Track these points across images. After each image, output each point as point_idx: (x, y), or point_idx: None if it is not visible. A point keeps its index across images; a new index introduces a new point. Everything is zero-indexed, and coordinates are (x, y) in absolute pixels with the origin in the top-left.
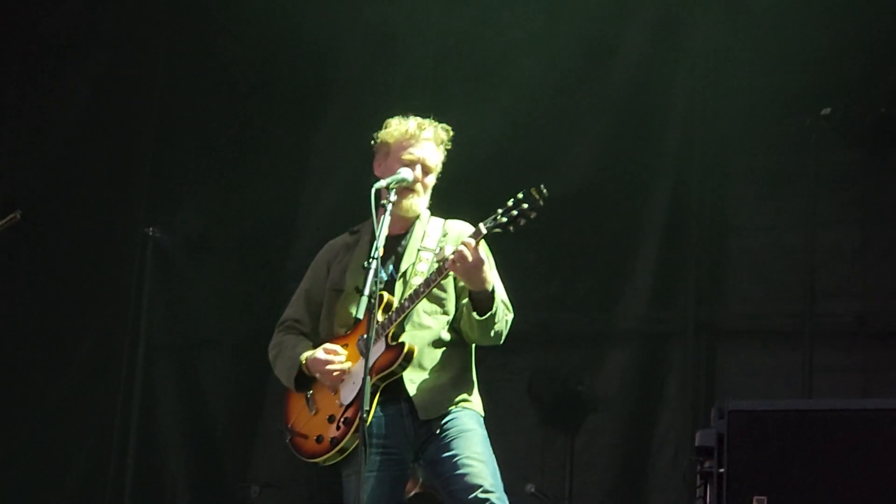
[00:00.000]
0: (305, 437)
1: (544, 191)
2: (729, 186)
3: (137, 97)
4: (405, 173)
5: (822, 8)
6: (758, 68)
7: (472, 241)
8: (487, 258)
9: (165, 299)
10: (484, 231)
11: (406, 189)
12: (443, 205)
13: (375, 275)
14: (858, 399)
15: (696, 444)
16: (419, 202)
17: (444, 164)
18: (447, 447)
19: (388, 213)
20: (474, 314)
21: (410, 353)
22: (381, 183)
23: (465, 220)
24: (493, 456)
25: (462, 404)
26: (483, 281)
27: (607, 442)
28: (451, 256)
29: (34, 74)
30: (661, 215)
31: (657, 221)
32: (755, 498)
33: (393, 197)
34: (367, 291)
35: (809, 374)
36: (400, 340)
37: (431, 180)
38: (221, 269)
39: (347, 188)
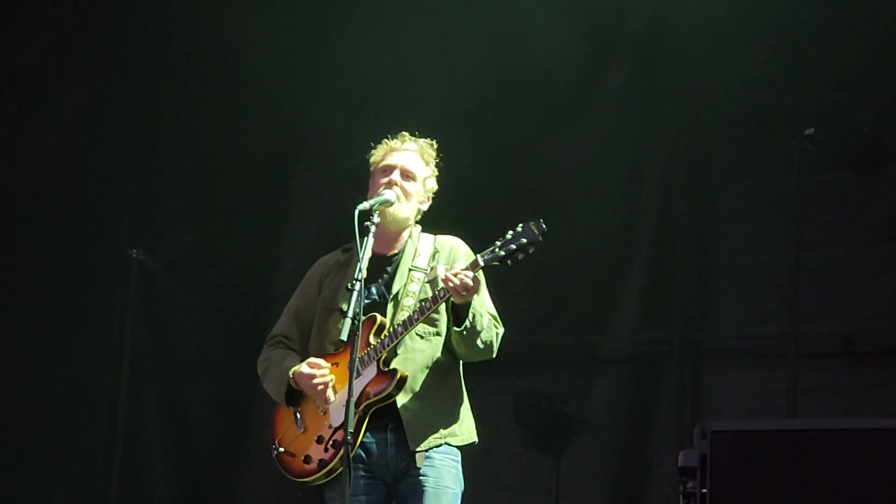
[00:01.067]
0: (293, 455)
1: (543, 225)
2: (713, 208)
3: (121, 120)
4: (388, 195)
5: (806, 29)
6: (741, 89)
7: (470, 273)
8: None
9: (150, 322)
10: (481, 263)
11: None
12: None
13: (359, 297)
14: (842, 419)
15: (679, 464)
16: (399, 207)
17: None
18: (416, 500)
19: (371, 234)
20: (454, 327)
21: (403, 380)
22: (365, 204)
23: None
24: None
25: (449, 440)
26: (468, 300)
27: (593, 464)
28: (453, 284)
29: (17, 97)
30: (646, 237)
31: (642, 244)
32: None
33: (376, 218)
34: (350, 314)
35: (794, 395)
36: (392, 366)
37: (414, 187)
38: (206, 291)
39: (332, 209)
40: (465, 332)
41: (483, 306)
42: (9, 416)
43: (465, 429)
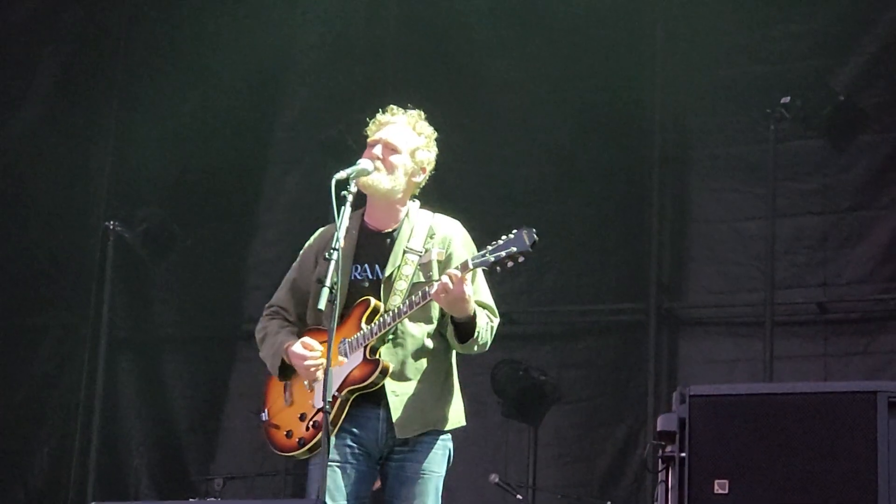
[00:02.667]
0: (278, 427)
1: (535, 236)
2: (689, 177)
3: (96, 92)
4: (364, 164)
5: None
6: (717, 58)
7: (457, 273)
8: (474, 280)
9: (127, 294)
10: (471, 266)
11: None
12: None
13: (336, 267)
14: (818, 383)
15: (658, 428)
16: (379, 178)
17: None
18: (399, 485)
19: (348, 203)
20: (455, 341)
21: (386, 370)
22: (341, 174)
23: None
24: (439, 502)
25: (438, 426)
26: (465, 310)
27: (571, 433)
28: (435, 286)
29: None
30: (622, 207)
31: (618, 214)
32: (716, 481)
33: (353, 188)
34: (328, 283)
35: (770, 362)
36: (378, 354)
37: (399, 160)
38: (183, 263)
39: (308, 181)
40: (467, 346)
41: (479, 297)
42: None
43: (454, 412)
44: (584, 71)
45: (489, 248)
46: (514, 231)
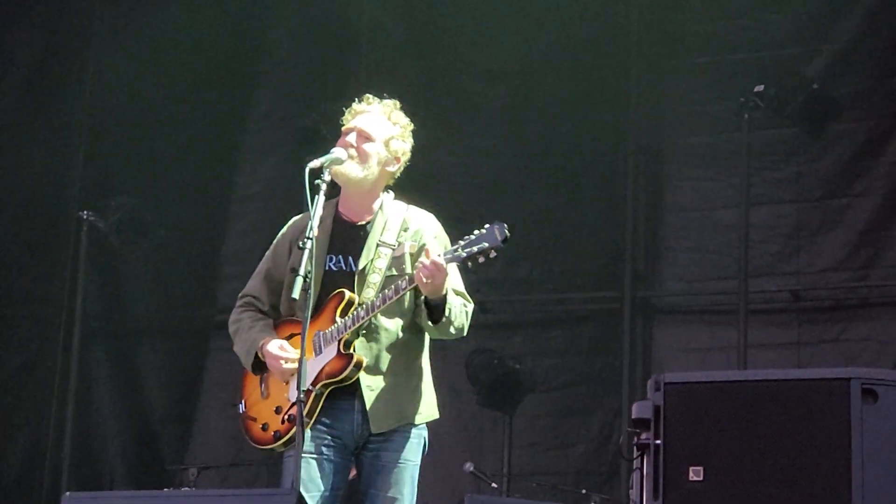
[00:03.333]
0: (254, 419)
1: (507, 231)
2: (663, 165)
3: (70, 80)
4: (338, 152)
5: None
6: (691, 47)
7: (442, 262)
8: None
9: (101, 283)
10: (443, 262)
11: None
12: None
13: (310, 255)
14: (792, 370)
15: (633, 416)
16: (351, 167)
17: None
18: (375, 474)
19: (321, 192)
20: (429, 323)
21: (359, 364)
22: (315, 162)
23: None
24: (413, 492)
25: (412, 420)
26: (440, 291)
27: (546, 422)
28: (418, 268)
29: None
30: (597, 196)
31: (593, 202)
32: (691, 468)
33: (327, 176)
34: (302, 272)
35: (744, 350)
36: (353, 348)
37: (373, 148)
38: (157, 252)
39: (282, 170)
40: (439, 328)
41: (452, 285)
42: None
43: (428, 405)
44: (560, 60)
45: (461, 243)
46: (486, 226)
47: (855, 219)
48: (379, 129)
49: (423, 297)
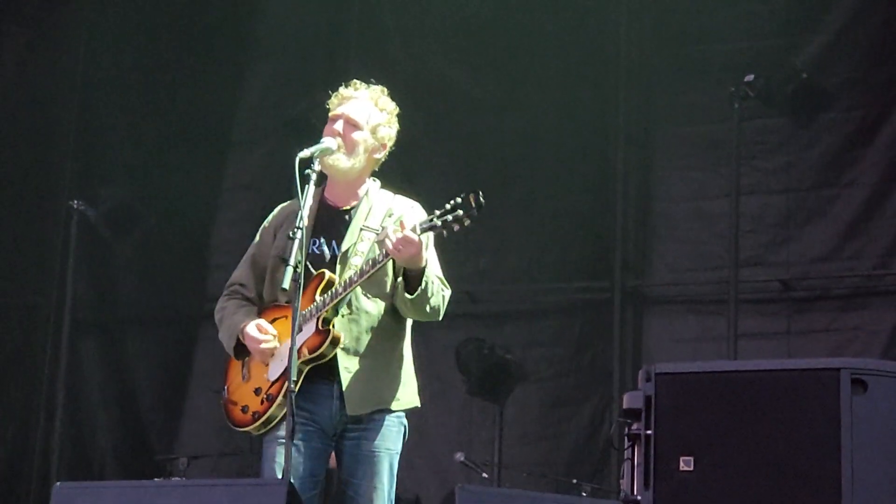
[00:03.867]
0: (235, 404)
1: (482, 199)
2: (653, 155)
3: (60, 70)
4: (329, 142)
5: None
6: (680, 36)
7: (414, 235)
8: (426, 238)
9: (90, 273)
10: (418, 231)
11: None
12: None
13: (300, 246)
14: (784, 360)
15: (624, 406)
16: (340, 158)
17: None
18: (356, 463)
19: (312, 182)
20: (406, 294)
21: (336, 340)
22: (305, 152)
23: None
24: (393, 480)
25: (391, 405)
26: (419, 260)
27: (536, 412)
28: (393, 241)
29: None
30: (586, 186)
31: (583, 192)
32: (682, 458)
33: (317, 166)
34: (292, 262)
35: (735, 340)
36: (330, 325)
37: (361, 136)
38: (146, 242)
39: (271, 158)
40: (416, 299)
41: (432, 270)
42: None
43: (407, 392)
44: (549, 50)
45: (436, 212)
46: (461, 195)
47: (845, 208)
48: (366, 116)
49: (401, 269)
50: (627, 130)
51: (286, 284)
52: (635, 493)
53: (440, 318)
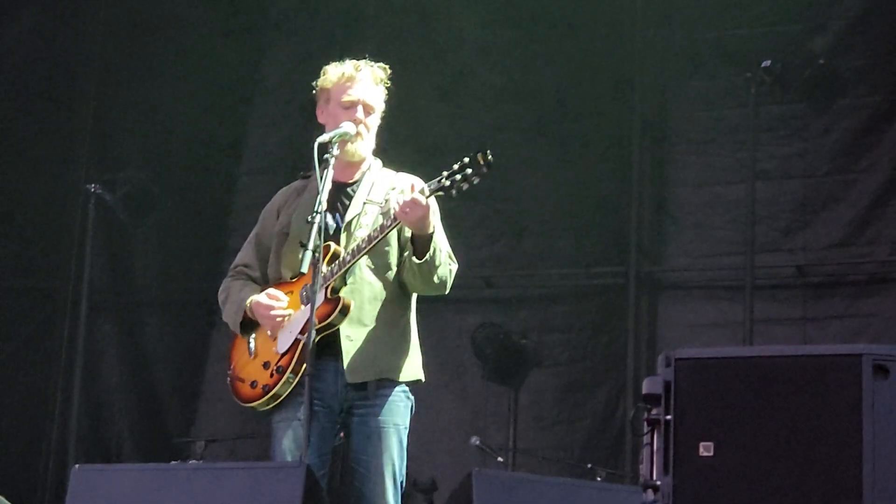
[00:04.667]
0: (242, 380)
1: (489, 157)
2: (669, 140)
3: (78, 53)
4: (347, 127)
5: None
6: (697, 22)
7: (422, 197)
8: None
9: (107, 257)
10: (427, 193)
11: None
12: (388, 156)
13: (319, 230)
14: (803, 346)
15: (644, 391)
16: (362, 145)
17: (387, 111)
18: (364, 439)
19: (331, 167)
20: (413, 258)
21: (346, 308)
22: (324, 137)
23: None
24: (403, 455)
25: (392, 375)
26: (427, 225)
27: (552, 397)
28: (400, 204)
29: None
30: (602, 171)
31: (598, 177)
32: (701, 444)
33: (335, 151)
34: (311, 246)
35: (750, 326)
36: (339, 294)
37: (374, 120)
38: (164, 225)
39: (288, 142)
40: (423, 265)
41: (438, 241)
42: None
43: (411, 365)
44: (564, 36)
45: (444, 173)
46: (468, 155)
47: (861, 194)
48: (378, 99)
49: (410, 235)
50: (644, 115)
51: (305, 269)
52: (655, 478)
53: (446, 292)
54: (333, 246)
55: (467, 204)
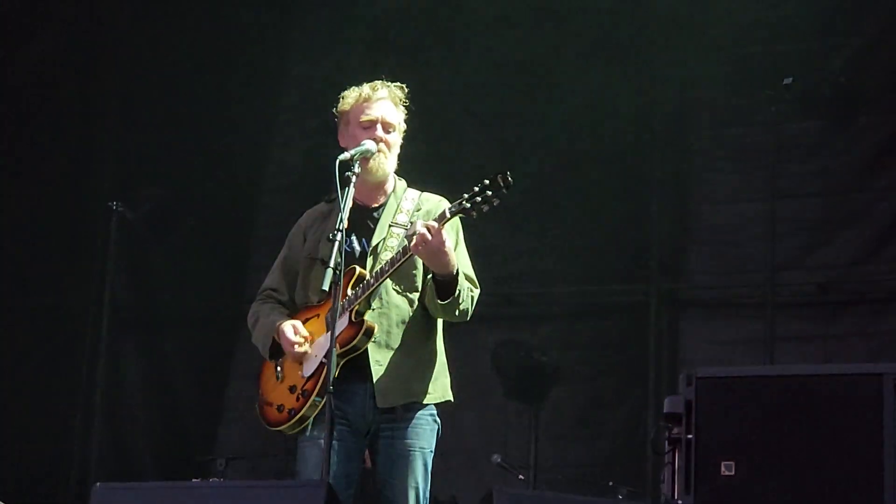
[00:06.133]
0: (270, 404)
1: (510, 178)
2: (690, 158)
3: (101, 71)
4: (368, 144)
5: None
6: (717, 40)
7: (435, 224)
8: (455, 236)
9: (129, 274)
10: (448, 215)
11: (370, 157)
12: (411, 176)
13: (340, 248)
14: (824, 365)
15: (665, 410)
16: (384, 162)
17: (409, 130)
18: (391, 462)
19: (352, 185)
20: (437, 299)
21: (370, 330)
22: (345, 155)
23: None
24: (427, 479)
25: (422, 399)
26: (446, 265)
27: (572, 414)
28: (414, 238)
29: None
30: (623, 189)
31: (620, 195)
32: (723, 463)
33: (357, 168)
34: (332, 264)
35: (772, 344)
36: (364, 318)
37: (394, 138)
38: (186, 242)
39: (310, 161)
40: (447, 305)
41: (462, 271)
42: None
43: (439, 386)
44: (585, 52)
45: (465, 195)
46: (489, 177)
47: (882, 212)
48: (397, 118)
49: (431, 275)
50: (664, 133)
51: (325, 286)
52: (676, 497)
53: (467, 320)
54: (358, 269)
55: (488, 221)
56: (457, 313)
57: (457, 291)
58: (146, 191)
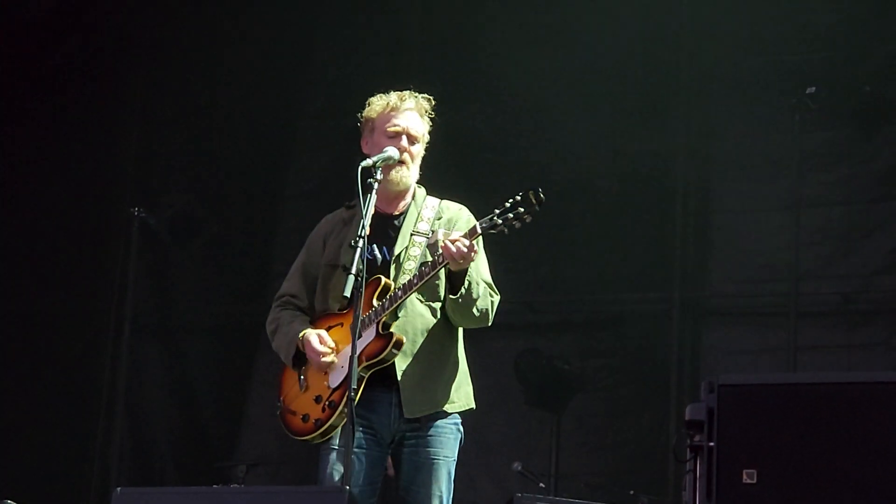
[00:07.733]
0: (294, 413)
1: (541, 195)
2: (714, 167)
3: (124, 78)
4: (391, 151)
5: None
6: (741, 48)
7: (466, 241)
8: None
9: (151, 280)
10: (479, 231)
11: (392, 164)
12: (435, 184)
13: (362, 254)
14: (847, 372)
15: (687, 418)
16: (407, 174)
17: (433, 141)
18: (414, 471)
19: (374, 191)
20: (450, 295)
21: (399, 343)
22: (368, 161)
23: (459, 202)
24: (450, 487)
25: (447, 408)
26: (466, 266)
27: (594, 422)
28: (449, 251)
29: (17, 56)
30: (646, 198)
31: (642, 204)
32: (745, 471)
33: (379, 175)
34: (353, 270)
35: (794, 353)
36: (390, 330)
37: (418, 150)
38: (207, 249)
39: (333, 168)
40: (459, 300)
41: (479, 274)
42: (13, 375)
43: (462, 395)
44: (609, 61)
45: (496, 210)
46: (521, 193)
47: None
48: (422, 129)
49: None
50: (688, 142)
51: (347, 292)
52: None
53: (489, 324)
54: (384, 279)
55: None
56: (475, 312)
57: (466, 282)
58: (168, 197)
